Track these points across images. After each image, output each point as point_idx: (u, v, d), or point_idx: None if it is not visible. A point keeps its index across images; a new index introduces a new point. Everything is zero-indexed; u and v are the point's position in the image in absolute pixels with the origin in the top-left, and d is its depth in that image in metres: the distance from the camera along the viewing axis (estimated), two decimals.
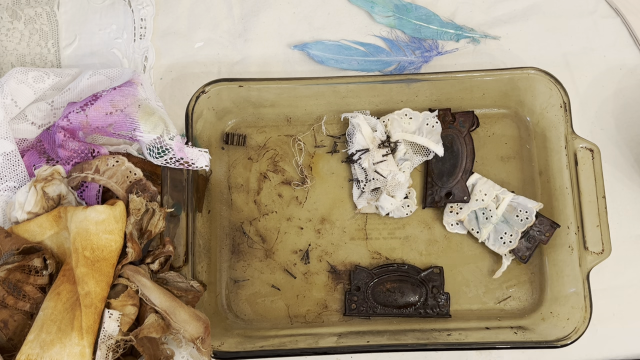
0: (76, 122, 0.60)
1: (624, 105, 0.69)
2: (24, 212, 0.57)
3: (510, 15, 0.71)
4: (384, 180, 0.63)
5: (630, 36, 0.70)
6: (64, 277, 0.55)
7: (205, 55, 0.70)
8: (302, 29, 0.71)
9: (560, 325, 0.59)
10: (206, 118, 0.64)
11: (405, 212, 0.65)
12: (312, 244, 0.66)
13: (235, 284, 0.65)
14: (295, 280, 0.65)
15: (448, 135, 0.66)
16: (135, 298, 0.54)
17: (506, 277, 0.64)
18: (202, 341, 0.54)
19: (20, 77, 0.61)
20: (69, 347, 0.50)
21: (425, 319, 0.64)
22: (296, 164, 0.67)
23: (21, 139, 0.63)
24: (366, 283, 0.64)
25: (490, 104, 0.67)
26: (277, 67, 0.70)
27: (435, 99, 0.66)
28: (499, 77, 0.63)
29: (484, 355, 0.64)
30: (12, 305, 0.55)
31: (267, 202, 0.67)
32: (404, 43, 0.70)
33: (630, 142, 0.68)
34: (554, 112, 0.63)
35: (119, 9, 0.71)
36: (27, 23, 0.71)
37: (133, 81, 0.61)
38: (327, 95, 0.65)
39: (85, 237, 0.54)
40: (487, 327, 0.62)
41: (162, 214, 0.57)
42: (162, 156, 0.59)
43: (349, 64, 0.69)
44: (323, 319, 0.64)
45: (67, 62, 0.70)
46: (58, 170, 0.58)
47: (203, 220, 0.63)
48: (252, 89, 0.64)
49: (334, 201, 0.67)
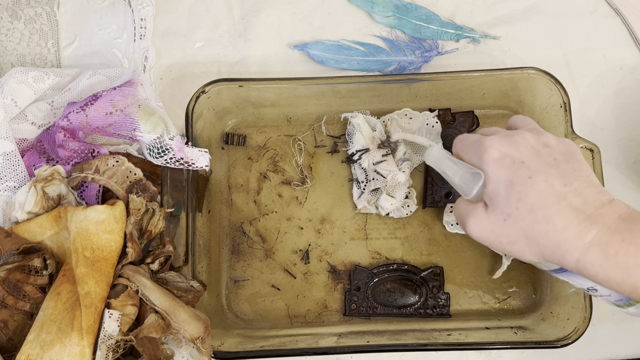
0: (76, 122, 0.60)
1: (624, 105, 0.69)
2: (24, 212, 0.57)
3: (510, 15, 0.71)
4: (384, 180, 0.63)
5: (630, 36, 0.70)
6: (64, 277, 0.55)
7: (205, 55, 0.70)
8: (302, 29, 0.71)
9: (560, 325, 0.59)
10: (206, 118, 0.64)
11: (405, 212, 0.65)
12: (312, 244, 0.66)
13: (235, 284, 0.65)
14: (295, 280, 0.65)
15: (448, 135, 0.66)
16: (135, 298, 0.54)
17: (506, 277, 0.64)
18: (202, 341, 0.54)
19: (20, 77, 0.61)
20: (69, 347, 0.50)
21: (425, 319, 0.64)
22: (296, 164, 0.67)
23: (21, 139, 0.63)
24: (366, 283, 0.64)
25: (490, 104, 0.67)
26: (277, 67, 0.70)
27: (435, 99, 0.66)
28: (499, 77, 0.63)
29: (484, 355, 0.64)
30: (12, 305, 0.55)
31: (267, 202, 0.67)
32: (404, 43, 0.70)
33: (630, 142, 0.68)
34: (554, 112, 0.63)
35: (119, 9, 0.71)
36: (27, 23, 0.71)
37: (133, 81, 0.61)
38: (327, 95, 0.65)
39: (85, 237, 0.54)
40: (487, 327, 0.62)
41: (162, 214, 0.57)
42: (162, 156, 0.59)
43: (349, 64, 0.69)
44: (323, 319, 0.64)
45: (67, 62, 0.70)
46: (58, 170, 0.58)
47: (203, 220, 0.63)
48: (252, 89, 0.64)
49: (334, 201, 0.67)
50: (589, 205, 0.42)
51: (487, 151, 0.46)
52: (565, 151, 0.46)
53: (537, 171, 0.44)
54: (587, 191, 0.43)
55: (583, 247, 0.41)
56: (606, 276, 0.41)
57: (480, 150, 0.46)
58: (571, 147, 0.47)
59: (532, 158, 0.45)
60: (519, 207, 0.44)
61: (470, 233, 0.47)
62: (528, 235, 0.44)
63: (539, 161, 0.45)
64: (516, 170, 0.44)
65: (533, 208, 0.43)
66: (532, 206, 0.43)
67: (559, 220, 0.42)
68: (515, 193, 0.44)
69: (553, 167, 0.44)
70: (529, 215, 0.43)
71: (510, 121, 0.51)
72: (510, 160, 0.45)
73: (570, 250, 0.42)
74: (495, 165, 0.45)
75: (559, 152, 0.46)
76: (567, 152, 0.46)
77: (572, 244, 0.42)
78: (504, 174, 0.45)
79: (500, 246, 0.46)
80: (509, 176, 0.44)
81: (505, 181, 0.44)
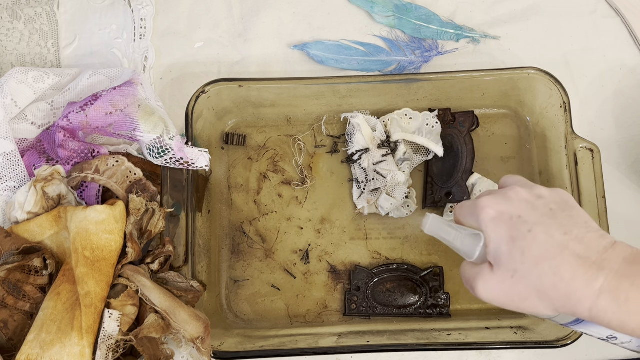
0: (76, 122, 0.60)
1: (624, 105, 0.69)
2: (24, 212, 0.57)
3: (510, 15, 0.71)
4: (384, 180, 0.63)
5: (630, 36, 0.70)
6: (64, 277, 0.55)
7: (205, 55, 0.70)
8: (302, 29, 0.71)
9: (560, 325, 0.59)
10: (206, 118, 0.64)
11: (405, 212, 0.65)
12: (312, 244, 0.66)
13: (235, 284, 0.65)
14: (295, 280, 0.65)
15: (448, 135, 0.66)
16: (135, 298, 0.54)
17: None
18: (202, 341, 0.54)
19: (20, 77, 0.61)
20: (69, 347, 0.50)
21: (425, 319, 0.64)
22: (296, 164, 0.67)
23: (21, 139, 0.63)
24: (366, 283, 0.64)
25: (490, 104, 0.67)
26: (277, 67, 0.70)
27: (435, 99, 0.66)
28: (499, 77, 0.63)
29: (484, 355, 0.64)
30: (12, 305, 0.55)
31: (267, 202, 0.67)
32: (404, 43, 0.70)
33: (630, 142, 0.68)
34: (554, 112, 0.63)
35: (119, 9, 0.71)
36: (27, 23, 0.71)
37: (133, 81, 0.61)
38: (327, 95, 0.65)
39: (85, 237, 0.54)
40: (487, 327, 0.62)
41: (162, 214, 0.57)
42: (162, 156, 0.59)
43: (349, 64, 0.69)
44: (323, 319, 0.64)
45: (67, 62, 0.70)
46: (58, 170, 0.58)
47: (203, 220, 0.63)
48: (252, 89, 0.64)
49: (334, 201, 0.67)
50: (593, 251, 0.42)
51: (484, 210, 0.46)
52: (559, 200, 0.46)
53: (536, 223, 0.44)
54: (588, 237, 0.43)
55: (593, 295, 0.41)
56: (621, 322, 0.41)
57: (476, 211, 0.46)
58: (564, 196, 0.46)
59: (528, 211, 0.45)
60: (524, 261, 0.43)
61: (481, 296, 0.46)
62: (538, 289, 0.43)
63: (535, 214, 0.44)
64: (514, 225, 0.44)
65: (538, 261, 0.43)
66: (537, 259, 0.43)
67: (565, 271, 0.42)
68: (517, 248, 0.43)
69: (550, 217, 0.44)
70: (535, 268, 0.43)
71: (501, 181, 0.51)
72: (507, 216, 0.45)
73: (581, 299, 0.41)
74: (494, 224, 0.45)
75: (553, 202, 0.46)
76: (561, 200, 0.46)
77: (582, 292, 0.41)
78: (503, 230, 0.44)
79: (513, 304, 0.45)
80: (508, 232, 0.44)
81: (506, 238, 0.44)
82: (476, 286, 0.46)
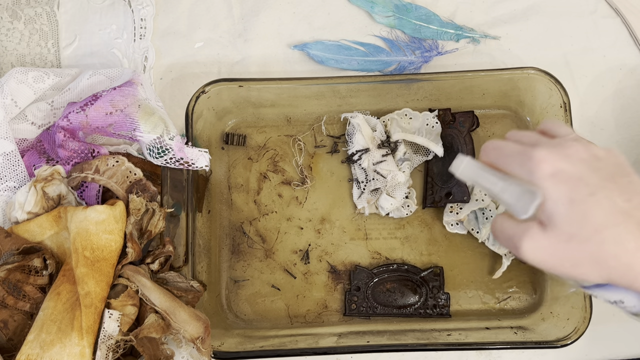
0: (76, 122, 0.60)
1: (624, 105, 0.69)
2: (24, 212, 0.57)
3: (510, 15, 0.71)
4: (384, 180, 0.63)
5: (630, 36, 0.70)
6: (64, 277, 0.55)
7: (205, 55, 0.70)
8: (302, 29, 0.71)
9: (560, 325, 0.59)
10: (206, 118, 0.64)
11: (405, 212, 0.65)
12: (312, 244, 0.66)
13: (235, 284, 0.65)
14: (295, 280, 0.65)
15: (448, 135, 0.66)
16: (135, 298, 0.54)
17: (506, 277, 0.64)
18: (202, 341, 0.54)
19: (20, 77, 0.61)
20: (69, 347, 0.50)
21: (425, 319, 0.64)
22: (296, 164, 0.67)
23: (21, 139, 0.63)
24: (366, 283, 0.64)
25: (490, 104, 0.67)
26: (277, 67, 0.70)
27: (435, 99, 0.66)
28: (499, 77, 0.63)
29: (484, 355, 0.64)
30: (12, 305, 0.55)
31: (267, 202, 0.67)
32: (404, 43, 0.70)
33: (630, 142, 0.68)
34: (554, 112, 0.62)
35: (119, 9, 0.71)
36: (27, 23, 0.71)
37: (133, 81, 0.61)
38: (327, 95, 0.65)
39: (85, 237, 0.54)
40: (487, 327, 0.62)
41: (162, 214, 0.57)
42: (162, 156, 0.59)
43: (349, 64, 0.69)
44: (323, 319, 0.64)
45: (67, 62, 0.70)
46: (58, 170, 0.58)
47: (203, 220, 0.63)
48: (252, 89, 0.64)
49: (334, 201, 0.67)
50: None
51: (539, 166, 0.42)
52: (616, 163, 0.43)
53: (598, 187, 0.41)
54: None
55: None
56: None
57: (529, 164, 0.42)
58: (620, 159, 0.43)
59: (589, 173, 0.41)
60: (583, 226, 0.40)
61: (526, 256, 0.43)
62: (595, 257, 0.41)
63: (596, 176, 0.41)
64: (575, 186, 0.41)
65: (599, 228, 0.40)
66: (598, 226, 0.40)
67: (628, 241, 0.39)
68: (577, 211, 0.40)
69: (611, 182, 0.41)
70: (596, 235, 0.40)
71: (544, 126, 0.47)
72: (567, 175, 0.41)
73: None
74: (552, 182, 0.41)
75: (611, 164, 0.43)
76: (618, 164, 0.43)
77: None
78: (563, 191, 0.41)
79: (561, 269, 0.42)
80: (568, 193, 0.41)
81: (565, 198, 0.41)
82: (521, 245, 0.42)
